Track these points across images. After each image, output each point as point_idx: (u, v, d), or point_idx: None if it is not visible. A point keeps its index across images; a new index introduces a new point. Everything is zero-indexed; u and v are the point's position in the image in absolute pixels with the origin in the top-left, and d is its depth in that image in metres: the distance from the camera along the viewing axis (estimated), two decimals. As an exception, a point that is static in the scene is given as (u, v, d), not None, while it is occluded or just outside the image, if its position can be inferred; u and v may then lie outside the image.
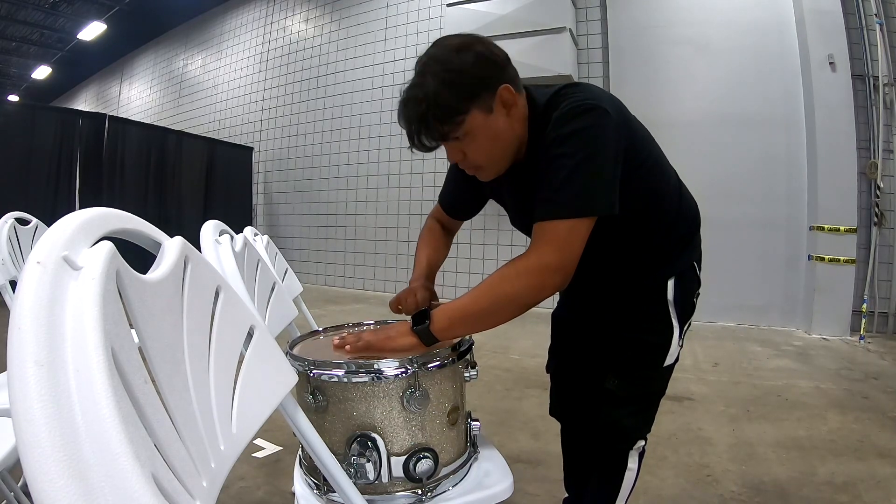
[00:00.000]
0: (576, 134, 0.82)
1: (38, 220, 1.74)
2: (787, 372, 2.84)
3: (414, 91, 0.84)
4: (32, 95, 11.60)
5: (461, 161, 0.91)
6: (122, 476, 0.27)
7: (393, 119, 5.90)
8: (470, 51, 0.84)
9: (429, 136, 0.85)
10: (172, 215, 5.76)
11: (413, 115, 0.84)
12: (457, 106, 0.83)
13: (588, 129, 0.82)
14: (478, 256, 5.06)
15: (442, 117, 0.83)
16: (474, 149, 0.87)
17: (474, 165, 0.91)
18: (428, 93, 0.82)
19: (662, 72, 4.27)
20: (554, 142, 0.83)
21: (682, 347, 1.01)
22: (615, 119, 0.84)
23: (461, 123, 0.84)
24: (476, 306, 0.84)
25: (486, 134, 0.86)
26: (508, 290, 0.83)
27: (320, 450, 0.68)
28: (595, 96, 0.85)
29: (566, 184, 0.81)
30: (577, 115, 0.82)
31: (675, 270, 0.99)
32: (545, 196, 0.84)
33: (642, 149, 0.92)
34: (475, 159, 0.90)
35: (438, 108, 0.82)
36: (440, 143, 0.87)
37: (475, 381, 0.91)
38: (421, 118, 0.83)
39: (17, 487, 1.11)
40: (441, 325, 0.84)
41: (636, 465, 1.01)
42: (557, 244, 0.82)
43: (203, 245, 0.92)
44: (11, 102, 7.51)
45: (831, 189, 3.69)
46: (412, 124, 0.84)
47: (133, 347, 0.34)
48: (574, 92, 0.87)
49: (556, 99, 0.88)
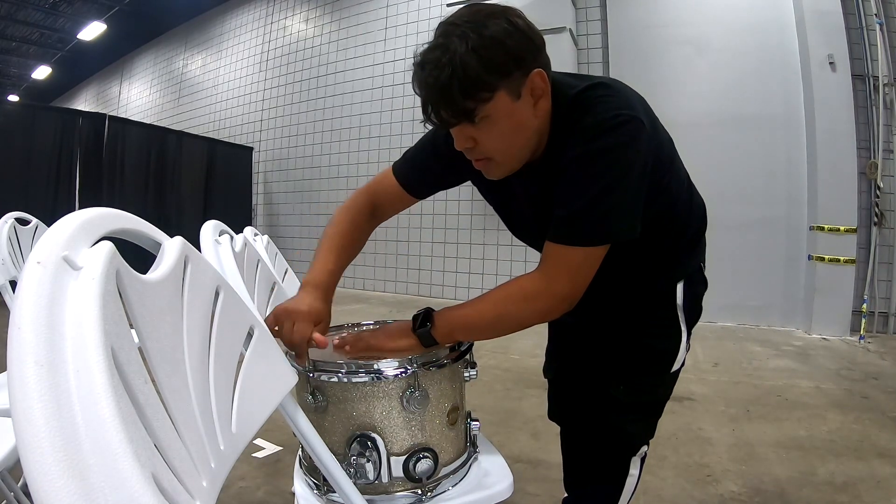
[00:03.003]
0: (607, 152, 0.73)
1: (38, 220, 1.74)
2: (787, 372, 2.84)
3: (436, 53, 0.69)
4: (32, 95, 11.59)
5: (470, 150, 0.77)
6: (122, 476, 0.27)
7: (393, 119, 6.00)
8: (509, 21, 0.71)
9: (448, 109, 0.71)
10: (172, 215, 5.76)
11: (433, 81, 0.69)
12: (487, 80, 0.69)
13: (620, 147, 0.73)
14: (478, 256, 5.06)
15: (467, 89, 0.69)
16: (490, 138, 0.75)
17: (484, 157, 0.78)
18: (455, 57, 0.68)
19: (662, 72, 4.27)
20: (582, 157, 0.74)
21: (688, 351, 0.98)
22: (648, 131, 0.75)
23: (486, 101, 0.70)
24: (479, 319, 0.83)
25: (507, 122, 0.74)
26: (513, 311, 0.81)
27: (320, 450, 0.68)
28: (631, 104, 0.76)
29: (589, 208, 0.74)
30: (611, 129, 0.73)
31: (684, 273, 0.96)
32: (564, 216, 0.76)
33: (666, 157, 0.85)
34: (487, 150, 0.77)
35: (466, 79, 0.68)
36: (459, 120, 0.73)
37: (475, 381, 0.91)
38: (443, 87, 0.69)
39: (17, 487, 1.11)
40: (443, 330, 0.83)
41: (638, 471, 0.99)
42: (570, 272, 0.77)
43: (203, 245, 0.92)
44: (11, 102, 7.51)
45: (831, 189, 3.69)
46: (431, 92, 0.70)
47: (133, 347, 0.34)
48: (607, 95, 0.77)
49: (587, 100, 0.77)
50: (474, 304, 0.83)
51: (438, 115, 0.73)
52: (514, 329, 0.82)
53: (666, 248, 0.95)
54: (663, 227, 0.92)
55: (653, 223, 0.87)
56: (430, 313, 0.86)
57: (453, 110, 0.71)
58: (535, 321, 0.81)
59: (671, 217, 0.92)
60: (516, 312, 0.80)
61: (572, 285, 0.78)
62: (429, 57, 0.70)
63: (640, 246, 0.92)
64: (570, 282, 0.78)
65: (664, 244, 0.94)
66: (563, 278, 0.78)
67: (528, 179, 0.87)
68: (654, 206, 0.84)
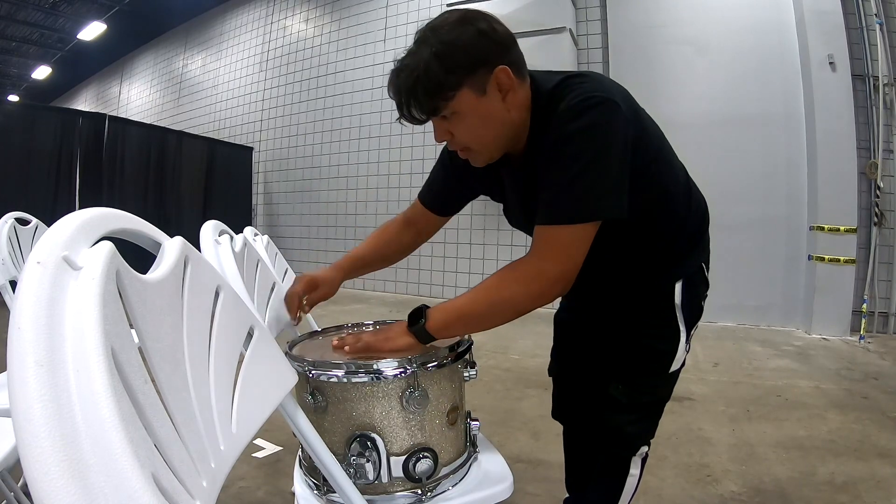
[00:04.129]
0: (582, 132, 0.77)
1: (38, 220, 1.74)
2: (787, 372, 2.84)
3: (407, 60, 0.80)
4: (32, 95, 11.59)
5: (449, 141, 0.86)
6: (122, 476, 0.27)
7: (393, 119, 5.95)
8: (471, 25, 0.79)
9: (418, 108, 0.80)
10: (172, 215, 5.76)
11: (403, 85, 0.79)
12: (446, 81, 0.78)
13: (596, 126, 0.77)
14: (478, 256, 5.06)
15: (430, 91, 0.78)
16: (462, 130, 0.83)
17: (463, 147, 0.87)
18: (419, 64, 0.77)
19: (662, 72, 4.27)
20: (559, 139, 0.78)
21: (688, 352, 0.98)
22: (625, 113, 0.79)
23: (450, 99, 0.79)
24: (473, 309, 0.83)
25: (475, 116, 0.81)
26: (506, 296, 0.81)
27: (320, 450, 0.68)
28: (604, 88, 0.80)
29: (570, 186, 0.77)
30: (584, 110, 0.77)
31: (683, 273, 0.95)
32: (548, 198, 0.80)
33: (651, 143, 0.87)
34: (463, 141, 0.85)
35: (428, 81, 0.77)
36: (429, 117, 0.82)
37: (475, 381, 0.91)
38: (410, 89, 0.79)
39: (17, 487, 1.11)
40: (437, 324, 0.83)
41: (638, 471, 0.99)
42: (559, 251, 0.79)
43: (203, 245, 0.92)
44: (11, 102, 7.51)
45: (831, 189, 3.69)
46: (401, 95, 0.80)
47: (133, 347, 0.34)
48: (581, 82, 0.81)
49: (562, 89, 0.82)
50: (467, 294, 0.84)
51: (411, 113, 0.82)
52: (509, 316, 0.82)
53: (664, 245, 0.95)
54: (659, 223, 0.92)
55: (646, 216, 0.88)
56: (424, 309, 0.86)
57: (421, 109, 0.80)
58: (529, 306, 0.81)
59: (667, 212, 0.92)
60: (509, 297, 0.81)
61: (563, 266, 0.79)
62: (402, 64, 0.80)
63: (637, 242, 0.93)
64: (559, 262, 0.79)
65: (662, 241, 0.94)
66: (553, 259, 0.79)
67: (515, 171, 0.92)
68: (644, 197, 0.85)
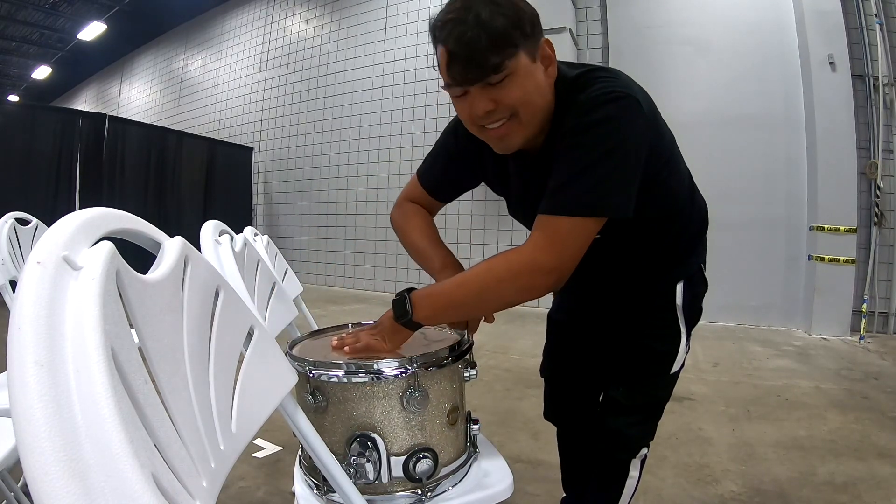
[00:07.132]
0: (599, 124, 0.73)
1: (38, 220, 1.74)
2: (787, 372, 2.84)
3: (463, 13, 0.71)
4: (32, 95, 11.59)
5: (491, 112, 0.76)
6: (122, 476, 0.27)
7: (393, 119, 6.00)
8: None
9: (473, 64, 0.72)
10: (172, 215, 5.76)
11: (461, 36, 0.71)
12: (512, 35, 0.72)
13: (613, 119, 0.73)
14: (478, 256, 5.05)
15: (495, 43, 0.70)
16: (515, 95, 0.75)
17: (507, 116, 0.77)
18: (481, 15, 0.70)
19: (662, 72, 4.27)
20: (574, 129, 0.75)
21: (688, 352, 0.97)
22: (646, 113, 0.76)
23: (511, 57, 0.72)
24: (461, 295, 0.80)
25: (530, 80, 0.75)
26: (494, 286, 0.78)
27: (320, 450, 0.68)
28: (627, 85, 0.77)
29: (578, 178, 0.73)
30: (605, 103, 0.74)
31: (684, 273, 0.95)
32: (554, 187, 0.76)
33: (664, 150, 0.84)
34: (512, 104, 0.75)
35: (495, 33, 0.70)
36: (483, 77, 0.73)
37: (475, 381, 0.91)
38: (470, 42, 0.70)
39: (17, 487, 1.11)
40: (424, 312, 0.81)
41: (638, 473, 0.98)
42: (556, 242, 0.75)
43: (203, 245, 0.92)
44: (11, 102, 7.53)
45: (831, 189, 3.69)
46: (459, 47, 0.71)
47: (133, 347, 0.34)
48: (604, 76, 0.78)
49: (584, 81, 0.78)
50: (456, 280, 0.81)
51: (466, 70, 0.73)
52: (497, 306, 0.80)
53: (666, 247, 0.94)
54: (663, 226, 0.92)
55: (651, 218, 0.87)
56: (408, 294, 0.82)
57: (480, 65, 0.72)
58: (517, 298, 0.78)
59: (671, 215, 0.92)
60: (498, 287, 0.77)
61: (558, 258, 0.75)
62: (455, 15, 0.72)
63: (639, 244, 0.92)
64: (555, 254, 0.75)
65: (664, 243, 0.94)
66: (549, 249, 0.75)
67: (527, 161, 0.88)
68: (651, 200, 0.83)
